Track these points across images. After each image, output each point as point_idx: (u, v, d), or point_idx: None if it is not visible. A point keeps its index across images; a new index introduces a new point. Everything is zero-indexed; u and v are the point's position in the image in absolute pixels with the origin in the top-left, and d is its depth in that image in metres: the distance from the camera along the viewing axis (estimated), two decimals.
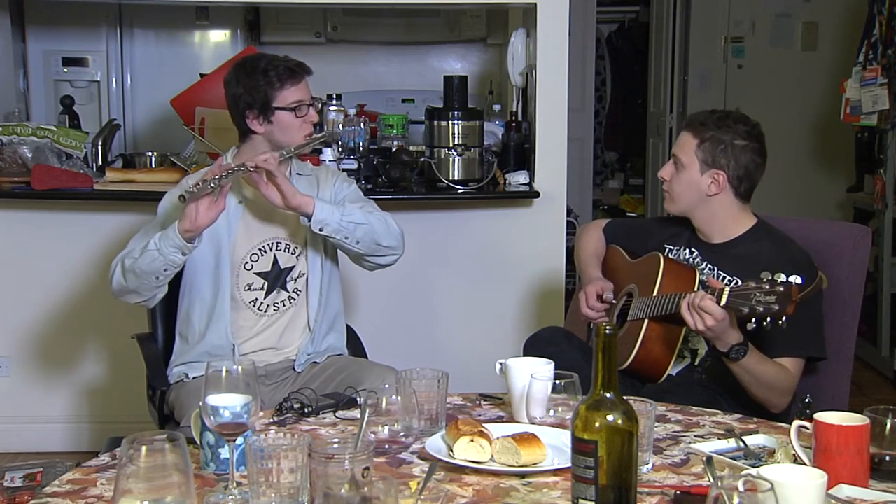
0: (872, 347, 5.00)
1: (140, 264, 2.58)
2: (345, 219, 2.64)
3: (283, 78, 2.66)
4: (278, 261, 2.75)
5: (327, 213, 2.61)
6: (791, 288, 2.14)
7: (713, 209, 2.56)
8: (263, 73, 2.66)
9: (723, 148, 2.51)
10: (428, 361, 2.20)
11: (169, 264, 2.57)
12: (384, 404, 1.94)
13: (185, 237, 2.52)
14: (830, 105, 5.75)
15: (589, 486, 1.51)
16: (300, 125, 2.70)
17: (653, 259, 2.63)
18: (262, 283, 2.74)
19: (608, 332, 1.52)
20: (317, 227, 2.61)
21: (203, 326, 2.73)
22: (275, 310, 2.76)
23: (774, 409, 2.40)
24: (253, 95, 2.66)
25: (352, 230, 2.65)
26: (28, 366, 3.94)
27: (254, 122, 2.69)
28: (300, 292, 2.78)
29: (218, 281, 2.71)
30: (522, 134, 3.99)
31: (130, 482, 1.40)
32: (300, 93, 2.69)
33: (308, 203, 2.60)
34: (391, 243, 2.74)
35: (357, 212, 2.68)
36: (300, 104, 2.69)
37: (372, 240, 2.69)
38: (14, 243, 3.88)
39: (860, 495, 1.67)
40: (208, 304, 2.72)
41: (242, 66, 2.72)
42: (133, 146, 5.00)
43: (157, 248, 2.55)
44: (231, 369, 1.68)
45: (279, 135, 2.69)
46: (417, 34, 5.59)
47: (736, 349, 2.30)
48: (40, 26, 4.96)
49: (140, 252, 2.58)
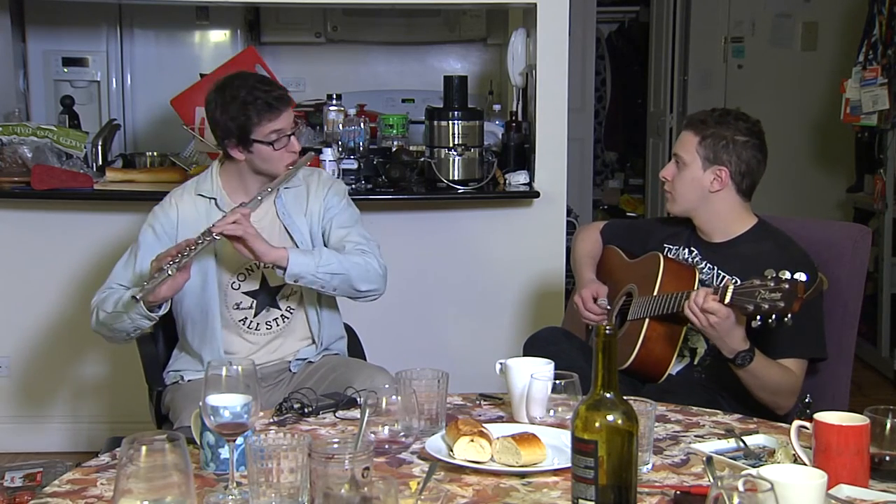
0: (872, 347, 5.00)
1: (112, 322, 2.57)
2: (320, 270, 2.59)
3: (262, 112, 2.59)
4: (267, 279, 2.72)
5: (302, 267, 2.56)
6: (797, 285, 2.14)
7: (715, 207, 2.56)
8: (242, 106, 2.59)
9: (724, 144, 2.51)
10: (428, 361, 2.20)
11: (138, 327, 2.57)
12: (384, 404, 1.94)
13: (148, 307, 2.48)
14: (830, 105, 5.75)
15: (589, 486, 1.51)
16: (280, 155, 2.64)
17: (652, 259, 2.63)
18: (250, 303, 2.72)
19: (608, 332, 1.52)
20: (291, 279, 2.58)
21: (197, 345, 2.72)
22: (267, 328, 2.74)
23: (780, 411, 2.39)
24: (231, 126, 2.60)
25: (328, 280, 2.61)
26: (28, 366, 3.94)
27: (234, 150, 2.64)
28: (294, 311, 2.75)
29: (206, 302, 2.69)
30: (522, 134, 3.99)
31: (130, 482, 1.40)
32: (280, 123, 2.62)
33: (282, 258, 2.55)
34: (369, 287, 2.68)
35: (333, 260, 2.62)
36: (279, 136, 2.62)
37: (349, 286, 2.65)
38: (14, 243, 3.88)
39: (860, 495, 1.67)
40: (199, 325, 2.71)
41: (222, 91, 2.63)
42: (133, 146, 5.00)
43: (125, 311, 2.52)
44: (231, 369, 1.68)
45: (260, 163, 2.65)
46: (417, 34, 5.59)
47: (742, 356, 2.30)
48: (40, 26, 4.96)
49: (112, 307, 2.56)
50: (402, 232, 3.86)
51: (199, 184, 2.76)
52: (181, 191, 2.77)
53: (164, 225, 2.69)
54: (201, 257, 2.62)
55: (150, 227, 2.70)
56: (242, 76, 2.69)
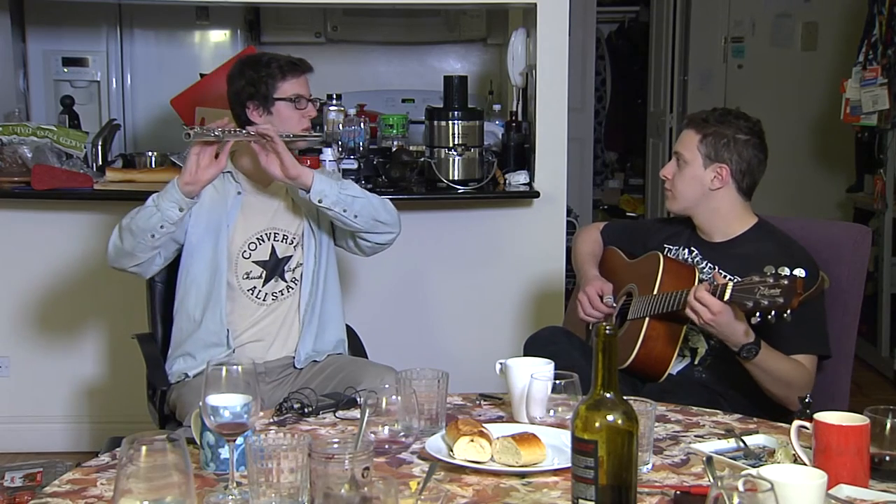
0: (872, 347, 5.00)
1: (137, 221, 2.61)
2: (343, 191, 2.68)
3: (285, 70, 2.73)
4: (276, 250, 2.78)
5: (326, 185, 2.65)
6: (796, 281, 2.14)
7: (715, 205, 2.56)
8: (266, 65, 2.73)
9: (725, 142, 2.52)
10: (428, 361, 2.20)
11: (166, 220, 2.60)
12: (384, 404, 1.94)
13: (185, 191, 2.57)
14: (830, 105, 5.75)
15: (589, 486, 1.51)
16: (299, 118, 2.76)
17: (652, 258, 2.63)
18: (260, 272, 2.77)
19: (608, 332, 1.52)
20: (315, 197, 2.65)
21: (199, 314, 2.74)
22: (273, 298, 2.78)
23: (793, 407, 2.38)
24: (255, 86, 2.72)
25: (350, 203, 2.69)
26: (28, 366, 3.94)
27: (254, 112, 2.74)
28: (297, 282, 2.81)
29: (215, 268, 2.73)
30: (522, 134, 3.99)
31: (130, 482, 1.40)
32: (300, 86, 2.76)
33: (307, 174, 2.64)
34: (388, 219, 2.79)
35: (355, 186, 2.76)
36: (299, 97, 2.75)
37: (370, 214, 2.73)
38: (14, 243, 3.88)
39: (860, 495, 1.67)
40: (204, 291, 2.74)
41: (246, 60, 2.82)
42: (133, 146, 5.00)
43: (155, 203, 2.60)
44: (231, 369, 1.68)
45: (278, 126, 2.71)
46: (417, 34, 5.58)
47: (747, 348, 2.31)
48: (40, 26, 4.96)
49: (137, 210, 2.62)
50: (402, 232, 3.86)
51: None
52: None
53: None
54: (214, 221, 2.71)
55: None
56: (262, 52, 2.86)
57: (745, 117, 2.57)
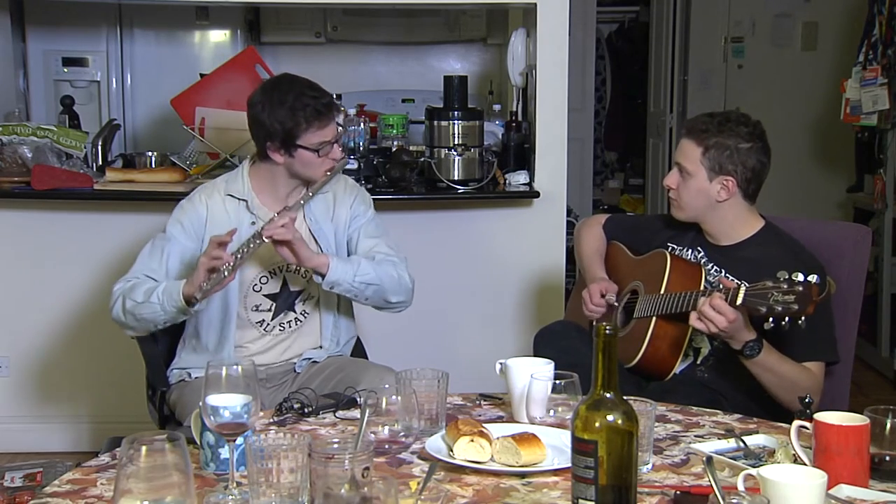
0: (872, 347, 5.00)
1: (141, 311, 2.56)
2: (357, 279, 2.63)
3: (311, 120, 2.59)
4: (288, 283, 2.74)
5: (340, 275, 2.60)
6: (811, 287, 2.13)
7: (723, 214, 2.55)
8: (291, 112, 2.58)
9: (728, 154, 2.48)
10: (428, 361, 2.19)
11: (169, 320, 2.57)
12: (384, 404, 1.94)
13: (187, 300, 2.49)
14: (830, 105, 5.75)
15: (589, 486, 1.51)
16: (321, 163, 2.65)
17: (659, 256, 2.61)
18: (269, 305, 2.73)
19: (608, 331, 1.53)
20: (328, 286, 2.61)
21: (213, 344, 2.72)
22: (280, 329, 2.76)
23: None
24: (277, 129, 2.59)
25: (362, 290, 2.65)
26: (28, 366, 3.94)
27: (275, 153, 2.63)
28: (308, 314, 2.77)
29: (227, 302, 2.69)
30: (522, 134, 3.98)
31: (130, 482, 1.40)
32: (326, 134, 2.62)
33: (323, 265, 2.59)
34: (399, 299, 2.74)
35: (370, 270, 2.65)
36: (324, 144, 2.63)
37: (381, 297, 2.70)
38: (14, 243, 3.88)
39: (860, 495, 1.67)
40: (216, 323, 2.71)
41: (270, 93, 2.62)
42: (133, 146, 5.00)
43: (160, 302, 2.52)
44: (231, 369, 1.68)
45: (299, 168, 2.65)
46: (417, 34, 5.58)
47: (750, 346, 2.30)
48: (40, 26, 4.96)
49: (143, 297, 2.55)
50: (402, 232, 3.85)
51: (228, 184, 2.74)
52: (210, 188, 2.75)
53: (192, 221, 2.68)
54: None
55: (179, 221, 2.69)
56: (291, 79, 2.68)
57: (744, 122, 2.52)
